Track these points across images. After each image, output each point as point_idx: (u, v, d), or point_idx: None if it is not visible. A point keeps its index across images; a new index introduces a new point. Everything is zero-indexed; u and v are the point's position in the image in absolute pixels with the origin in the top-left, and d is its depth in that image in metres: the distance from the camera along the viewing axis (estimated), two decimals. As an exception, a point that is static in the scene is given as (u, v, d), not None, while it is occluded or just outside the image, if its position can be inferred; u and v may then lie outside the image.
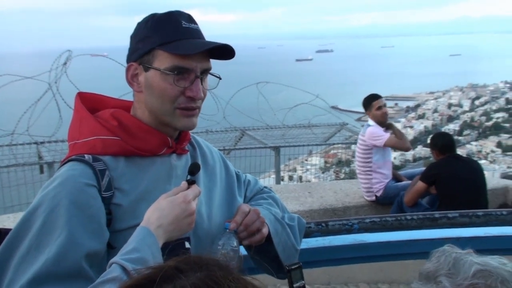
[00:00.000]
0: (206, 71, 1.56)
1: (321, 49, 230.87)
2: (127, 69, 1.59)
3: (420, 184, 5.20)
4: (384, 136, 5.65)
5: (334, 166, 12.84)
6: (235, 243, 1.57)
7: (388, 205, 5.71)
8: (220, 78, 1.62)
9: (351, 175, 10.42)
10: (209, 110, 7.54)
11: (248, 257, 1.84)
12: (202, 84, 1.55)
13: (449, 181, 5.03)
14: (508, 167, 31.85)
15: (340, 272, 2.36)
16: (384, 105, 5.87)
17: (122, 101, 1.75)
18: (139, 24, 1.59)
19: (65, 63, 6.07)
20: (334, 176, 11.49)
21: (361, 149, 5.86)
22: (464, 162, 5.20)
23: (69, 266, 1.33)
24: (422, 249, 2.47)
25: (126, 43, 1.62)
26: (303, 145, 8.22)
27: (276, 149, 7.45)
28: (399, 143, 5.74)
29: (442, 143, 5.28)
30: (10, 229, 1.45)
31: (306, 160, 12.35)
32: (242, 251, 1.88)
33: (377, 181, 5.76)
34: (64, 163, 1.54)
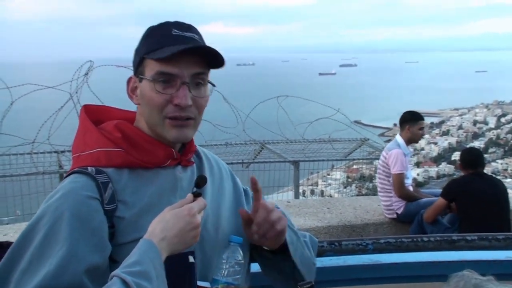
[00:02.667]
0: (197, 77, 1.52)
1: (344, 63, 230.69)
2: (127, 83, 1.59)
3: (440, 200, 5.10)
4: (399, 169, 5.51)
5: (356, 181, 12.73)
6: (240, 257, 1.53)
7: (409, 223, 5.59)
8: (214, 85, 1.57)
9: (374, 191, 10.30)
10: (229, 123, 7.53)
11: (260, 274, 1.80)
12: (191, 91, 1.50)
13: (470, 200, 4.92)
14: (535, 187, 31.22)
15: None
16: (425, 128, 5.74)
17: (127, 112, 1.73)
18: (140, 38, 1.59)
19: (86, 74, 6.13)
20: (356, 192, 11.38)
21: (382, 166, 5.76)
22: (487, 181, 5.07)
23: (69, 280, 1.30)
24: (439, 272, 2.39)
25: None
26: (323, 160, 8.13)
27: (296, 163, 7.39)
28: (398, 186, 5.55)
29: (465, 158, 5.18)
30: (11, 243, 1.42)
31: (328, 175, 12.27)
32: (254, 267, 1.83)
33: (398, 199, 5.65)
34: (67, 175, 1.52)
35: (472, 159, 5.13)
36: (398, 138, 5.72)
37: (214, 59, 1.52)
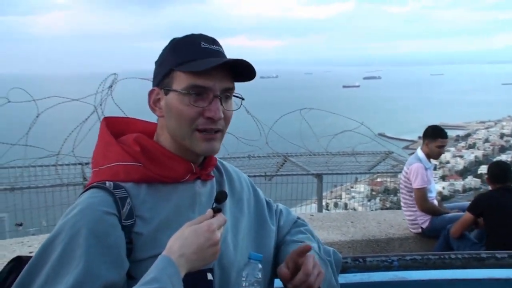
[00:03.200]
0: (227, 91, 1.50)
1: (368, 75, 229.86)
2: (149, 95, 1.55)
3: (467, 215, 4.98)
4: (420, 183, 5.43)
5: (380, 195, 12.62)
6: (259, 274, 1.47)
7: (434, 238, 5.48)
8: (243, 99, 1.55)
9: (398, 205, 10.17)
10: (252, 135, 7.50)
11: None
12: (222, 104, 1.48)
13: (497, 215, 4.79)
14: None
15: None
16: (444, 147, 5.64)
17: (148, 123, 1.70)
18: (162, 50, 1.57)
19: (110, 86, 6.19)
20: (380, 205, 11.27)
21: (404, 182, 5.67)
22: (515, 196, 4.93)
23: None
24: (468, 290, 2.32)
25: None
26: (346, 173, 8.06)
27: (319, 176, 7.33)
28: (421, 201, 5.47)
29: (494, 172, 5.06)
30: (30, 257, 1.41)
31: (352, 188, 12.18)
32: (277, 283, 1.79)
33: (422, 214, 5.54)
34: (85, 190, 1.50)
35: (501, 173, 5.01)
36: (419, 152, 5.64)
37: (244, 73, 1.51)
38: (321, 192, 7.34)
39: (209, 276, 1.45)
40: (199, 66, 1.44)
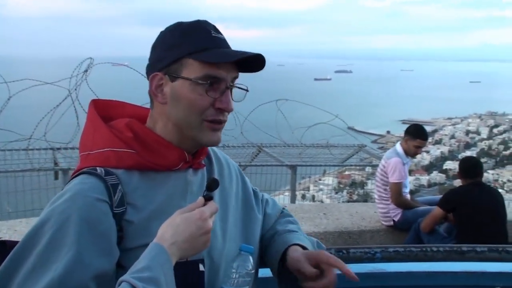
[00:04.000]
0: (234, 81, 1.50)
1: (340, 69, 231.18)
2: (151, 79, 1.49)
3: (438, 210, 5.07)
4: (397, 178, 5.49)
5: (347, 187, 12.76)
6: (250, 266, 1.47)
7: (406, 231, 5.58)
8: (248, 91, 1.54)
9: (365, 197, 10.31)
10: (227, 125, 7.46)
11: (271, 280, 1.75)
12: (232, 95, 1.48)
13: (468, 210, 4.90)
14: (525, 198, 31.44)
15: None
16: (422, 148, 5.66)
17: (138, 108, 1.67)
18: (164, 33, 1.51)
19: (86, 71, 6.07)
20: (347, 197, 11.41)
21: (380, 174, 5.74)
22: (486, 191, 5.04)
23: (76, 287, 1.25)
24: (444, 282, 2.38)
25: (147, 53, 1.55)
26: (320, 165, 8.13)
27: (293, 167, 7.37)
28: (396, 195, 5.54)
29: (465, 167, 5.14)
30: (15, 242, 1.37)
31: (320, 180, 12.27)
32: (266, 273, 1.79)
33: (395, 207, 5.63)
34: (74, 175, 1.46)
35: (472, 169, 5.11)
36: (398, 147, 5.70)
37: (252, 65, 1.51)
38: (294, 183, 7.38)
39: (201, 267, 1.43)
40: (217, 56, 1.42)
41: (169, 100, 1.48)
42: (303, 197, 11.94)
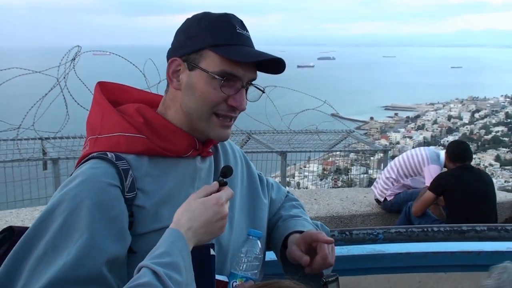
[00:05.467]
0: (251, 81, 1.50)
1: (322, 56, 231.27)
2: (170, 64, 1.50)
3: (429, 194, 5.12)
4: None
5: (332, 174, 12.80)
6: (258, 251, 1.49)
7: (395, 214, 5.65)
8: (264, 92, 1.55)
9: (349, 184, 10.37)
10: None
11: (274, 262, 1.78)
12: (246, 95, 1.49)
13: (458, 193, 4.96)
14: (506, 181, 31.93)
15: (357, 283, 2.29)
16: None
17: (145, 93, 1.68)
18: (189, 20, 1.51)
19: (73, 59, 6.00)
20: (332, 184, 11.46)
21: (409, 162, 5.68)
22: (475, 174, 5.11)
23: (89, 272, 1.26)
24: (442, 262, 2.43)
25: (129, 42, 1.52)
26: (310, 151, 8.16)
27: (283, 154, 7.39)
28: (422, 201, 5.17)
29: (454, 151, 5.19)
30: (25, 228, 1.37)
31: (305, 167, 12.29)
32: (270, 256, 1.81)
33: (395, 192, 5.67)
34: (84, 160, 1.45)
35: (461, 153, 5.17)
36: (442, 155, 5.52)
37: (271, 66, 1.50)
38: (285, 170, 7.41)
39: (212, 251, 1.44)
40: (238, 54, 1.42)
41: (184, 88, 1.48)
42: (288, 184, 11.97)
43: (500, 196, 6.17)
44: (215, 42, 1.43)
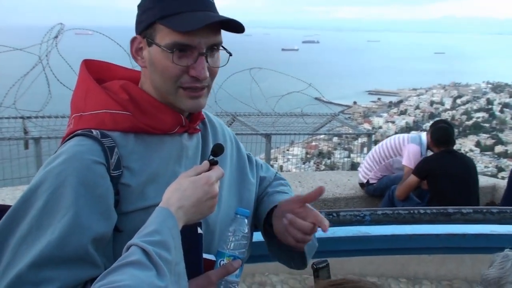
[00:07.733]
0: (214, 46, 1.43)
1: (307, 40, 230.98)
2: (131, 42, 1.47)
3: (413, 178, 5.16)
4: (410, 166, 5.36)
5: (315, 157, 12.86)
6: (246, 230, 1.48)
7: (378, 197, 5.70)
8: (231, 54, 1.49)
9: (332, 167, 10.44)
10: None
11: (261, 243, 1.78)
12: (208, 61, 1.41)
13: (441, 177, 5.02)
14: (486, 167, 32.43)
15: (340, 265, 2.30)
16: None
17: (131, 71, 1.63)
18: None
19: (56, 36, 5.89)
20: (314, 167, 11.53)
21: (393, 145, 5.72)
22: (458, 159, 5.18)
23: (74, 250, 1.24)
24: (427, 245, 2.45)
25: (110, 23, 1.48)
26: (294, 134, 8.18)
27: (268, 136, 7.39)
28: (406, 185, 5.28)
29: (437, 136, 5.22)
30: (7, 206, 1.34)
31: (288, 150, 12.33)
32: (256, 237, 1.81)
33: (379, 176, 5.72)
34: (69, 138, 1.42)
35: (444, 137, 5.21)
36: (423, 137, 5.56)
37: (232, 26, 1.43)
38: (269, 152, 7.42)
39: (199, 230, 1.42)
40: (183, 23, 1.35)
41: (148, 65, 1.45)
42: (271, 167, 12.01)
43: (482, 180, 6.23)
44: (163, 14, 1.37)
